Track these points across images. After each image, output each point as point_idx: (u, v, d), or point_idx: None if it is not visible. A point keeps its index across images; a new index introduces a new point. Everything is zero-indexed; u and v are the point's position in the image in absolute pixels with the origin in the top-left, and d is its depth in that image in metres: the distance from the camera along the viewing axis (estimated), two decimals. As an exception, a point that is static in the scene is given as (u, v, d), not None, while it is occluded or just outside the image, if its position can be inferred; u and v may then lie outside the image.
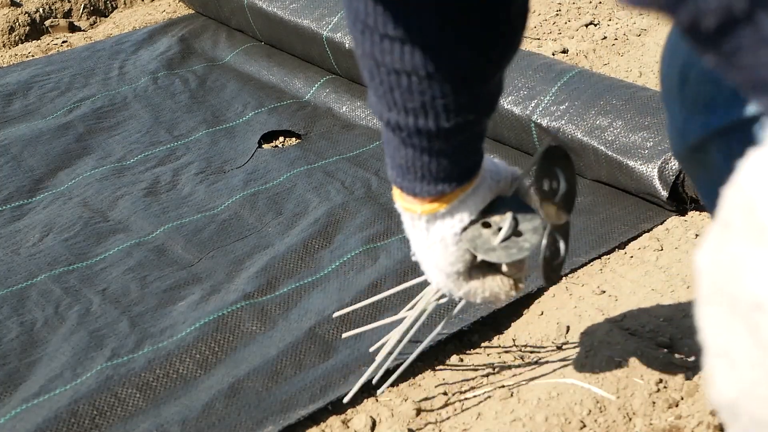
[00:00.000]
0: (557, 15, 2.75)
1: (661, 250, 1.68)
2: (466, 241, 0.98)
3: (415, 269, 1.63)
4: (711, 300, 0.54)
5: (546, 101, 1.91)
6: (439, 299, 1.21)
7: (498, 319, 1.55)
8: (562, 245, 1.07)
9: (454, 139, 0.87)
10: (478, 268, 1.03)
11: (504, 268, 1.04)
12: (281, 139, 2.17)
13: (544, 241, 1.03)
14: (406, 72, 0.79)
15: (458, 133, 0.87)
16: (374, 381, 1.35)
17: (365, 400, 1.38)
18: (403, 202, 0.99)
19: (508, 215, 0.99)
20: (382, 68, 0.81)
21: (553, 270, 1.09)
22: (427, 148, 0.88)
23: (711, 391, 0.56)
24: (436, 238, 0.99)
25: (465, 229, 0.98)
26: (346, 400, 1.35)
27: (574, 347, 1.44)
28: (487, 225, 0.98)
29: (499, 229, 0.98)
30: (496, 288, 1.04)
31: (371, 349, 1.42)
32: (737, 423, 0.55)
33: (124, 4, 3.00)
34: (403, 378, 1.42)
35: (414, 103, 0.82)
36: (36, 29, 2.75)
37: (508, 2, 0.79)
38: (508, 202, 1.00)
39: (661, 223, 1.76)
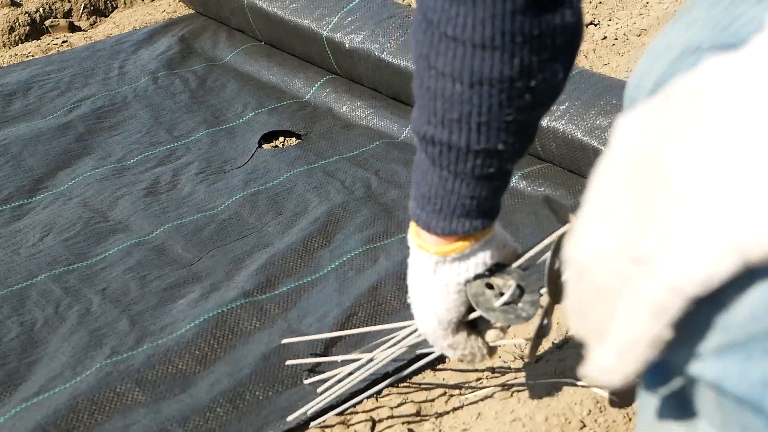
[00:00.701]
0: (557, 15, 2.75)
1: (661, 250, 1.68)
2: (469, 295, 1.02)
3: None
4: (617, 162, 0.55)
5: (546, 101, 1.91)
6: (412, 343, 1.23)
7: (498, 319, 1.55)
8: (550, 323, 1.14)
9: (479, 168, 0.91)
10: (463, 326, 1.08)
11: (489, 335, 1.09)
12: (281, 139, 2.17)
13: (541, 315, 1.08)
14: (453, 77, 0.84)
15: (484, 162, 0.90)
16: (309, 413, 1.35)
17: (365, 401, 1.38)
18: (417, 239, 1.02)
19: (513, 283, 1.03)
20: (432, 71, 0.85)
21: (537, 344, 1.15)
22: (454, 171, 0.91)
23: (572, 243, 0.57)
24: (441, 281, 1.03)
25: (469, 281, 1.02)
26: (290, 418, 1.35)
27: (574, 347, 1.44)
28: (489, 286, 1.02)
29: (501, 293, 1.03)
30: (475, 349, 1.09)
31: (307, 382, 1.41)
32: (578, 284, 0.57)
33: (124, 4, 3.00)
34: (403, 378, 1.42)
35: (452, 115, 0.86)
36: (36, 29, 2.75)
37: (563, 34, 0.83)
38: (510, 270, 1.04)
39: (661, 223, 1.76)
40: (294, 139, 2.17)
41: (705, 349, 0.55)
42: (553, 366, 1.40)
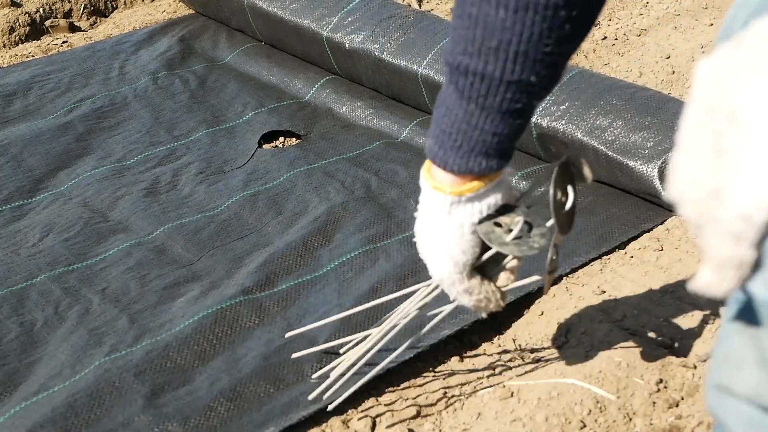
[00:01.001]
0: (557, 15, 2.75)
1: (661, 250, 1.68)
2: (481, 234, 1.05)
3: (414, 272, 1.63)
4: (696, 104, 0.60)
5: (546, 101, 1.91)
6: (421, 307, 1.26)
7: (498, 319, 1.55)
8: (559, 256, 1.17)
9: (508, 102, 0.93)
10: (475, 271, 1.10)
11: (500, 280, 1.12)
12: (281, 139, 2.17)
13: (552, 246, 1.12)
14: (498, 2, 0.86)
15: (514, 96, 0.93)
16: (325, 396, 1.35)
17: (365, 401, 1.38)
18: (432, 181, 1.04)
19: (520, 219, 1.06)
20: None
21: (550, 279, 1.19)
22: (482, 104, 0.93)
23: (668, 183, 0.62)
24: (455, 223, 1.05)
25: (480, 222, 1.04)
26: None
27: (574, 347, 1.44)
28: (498, 225, 1.06)
29: (510, 230, 1.06)
30: (489, 293, 1.12)
31: (314, 376, 1.41)
32: (681, 215, 0.63)
33: (124, 4, 3.00)
34: (403, 378, 1.42)
35: (491, 43, 0.88)
36: (36, 29, 2.75)
37: None
38: (516, 209, 1.08)
39: (661, 223, 1.76)
40: (294, 139, 2.17)
41: None
42: (553, 366, 1.40)
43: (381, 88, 2.25)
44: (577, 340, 1.46)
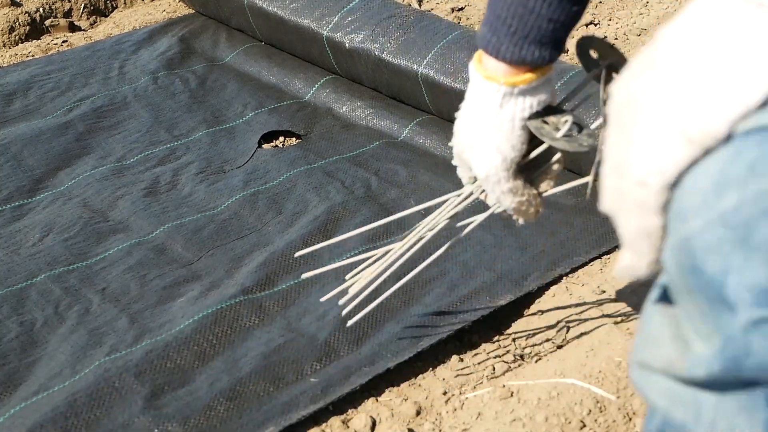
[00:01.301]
0: (557, 15, 2.75)
1: (661, 250, 1.68)
2: (532, 128, 1.05)
3: (413, 268, 1.63)
4: (609, 114, 0.66)
5: (546, 101, 1.91)
6: (451, 216, 1.26)
7: (498, 319, 1.55)
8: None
9: None
10: (519, 174, 1.11)
11: (542, 186, 1.13)
12: (281, 139, 2.17)
13: (599, 148, 1.12)
14: None
15: None
16: (343, 313, 1.42)
17: (365, 400, 1.39)
18: (483, 71, 1.02)
19: (569, 118, 1.07)
20: None
21: (595, 185, 1.20)
22: None
23: (600, 199, 0.67)
24: (506, 116, 1.04)
25: (530, 118, 1.05)
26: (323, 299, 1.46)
27: (574, 347, 1.44)
28: (545, 123, 1.07)
29: (558, 128, 1.07)
30: (531, 197, 1.12)
31: (322, 300, 1.49)
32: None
33: (124, 3, 3.00)
34: (403, 378, 1.42)
35: None
36: (36, 29, 2.74)
37: None
38: (561, 110, 1.09)
39: (661, 223, 1.76)
40: (294, 139, 2.17)
41: (673, 240, 0.62)
42: (553, 366, 1.40)
43: (381, 87, 2.25)
44: (577, 340, 1.46)
